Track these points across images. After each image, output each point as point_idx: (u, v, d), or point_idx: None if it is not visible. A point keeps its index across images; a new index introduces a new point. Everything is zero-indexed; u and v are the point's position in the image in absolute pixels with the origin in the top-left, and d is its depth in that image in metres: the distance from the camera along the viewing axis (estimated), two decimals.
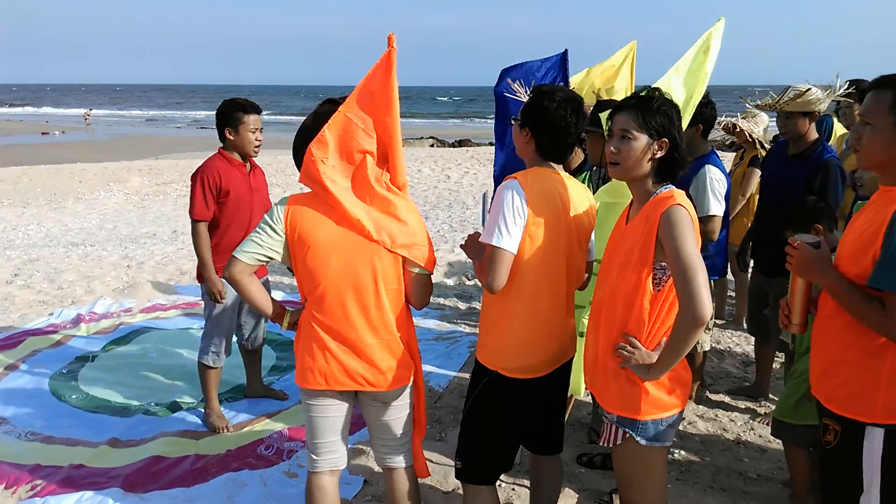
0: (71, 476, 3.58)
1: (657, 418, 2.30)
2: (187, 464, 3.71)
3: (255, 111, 4.00)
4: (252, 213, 4.01)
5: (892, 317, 1.99)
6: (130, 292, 6.78)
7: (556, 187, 2.51)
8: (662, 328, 2.27)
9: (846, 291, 2.08)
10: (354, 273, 2.49)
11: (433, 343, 5.43)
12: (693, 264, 2.10)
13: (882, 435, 2.07)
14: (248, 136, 3.93)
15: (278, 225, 2.49)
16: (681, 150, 2.29)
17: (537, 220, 2.43)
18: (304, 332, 2.59)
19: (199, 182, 3.88)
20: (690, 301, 2.09)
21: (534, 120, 2.52)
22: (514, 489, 3.44)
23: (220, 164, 3.94)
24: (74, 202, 12.92)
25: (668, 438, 2.35)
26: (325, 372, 2.55)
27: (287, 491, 3.47)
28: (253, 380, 4.53)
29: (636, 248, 2.23)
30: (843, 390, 2.15)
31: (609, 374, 2.34)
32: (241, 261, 2.49)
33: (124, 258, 8.36)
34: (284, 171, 16.25)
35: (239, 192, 3.95)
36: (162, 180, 15.54)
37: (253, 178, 4.08)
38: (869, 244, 2.04)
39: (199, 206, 3.88)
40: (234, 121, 3.92)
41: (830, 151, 3.97)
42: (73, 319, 6.03)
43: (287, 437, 4.00)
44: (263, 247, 2.50)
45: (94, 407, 4.39)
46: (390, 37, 2.51)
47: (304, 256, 2.48)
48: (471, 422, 2.66)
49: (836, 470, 2.22)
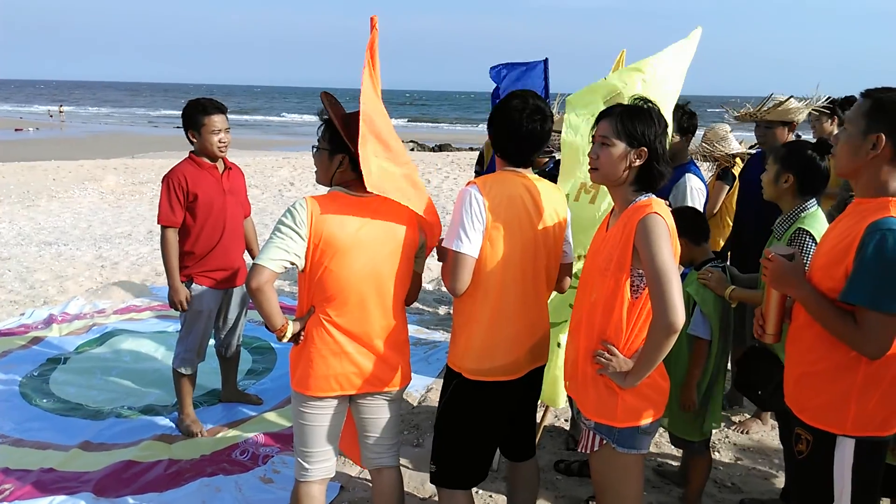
0: (41, 480, 3.51)
1: (633, 426, 2.31)
2: (161, 468, 3.66)
3: (218, 111, 3.85)
4: (226, 217, 3.94)
5: (863, 332, 2.02)
6: (104, 293, 6.67)
7: (518, 191, 2.51)
8: (640, 335, 2.29)
9: (818, 305, 2.11)
10: (377, 272, 2.52)
11: (411, 348, 5.40)
12: (666, 272, 2.12)
13: (853, 445, 2.11)
14: (209, 138, 3.82)
15: (302, 229, 2.45)
16: (662, 161, 2.30)
17: (496, 224, 2.45)
18: (313, 340, 2.54)
19: (166, 187, 3.81)
20: (663, 309, 2.12)
21: (494, 125, 2.57)
22: (492, 496, 3.44)
23: (187, 169, 3.86)
24: (48, 200, 12.70)
25: (645, 446, 2.37)
26: (341, 377, 2.55)
27: (262, 496, 3.44)
28: (228, 385, 4.48)
29: (615, 254, 2.26)
30: (815, 401, 2.18)
31: (588, 381, 2.36)
32: (269, 269, 2.41)
33: (98, 258, 8.24)
34: (263, 172, 16.15)
35: (209, 196, 3.86)
36: (138, 179, 15.34)
37: (227, 179, 3.98)
38: (841, 258, 2.07)
39: (164, 212, 3.80)
40: (195, 123, 3.82)
41: None
42: (44, 320, 5.93)
43: (262, 442, 3.96)
44: (289, 252, 2.44)
45: (66, 410, 4.31)
46: (373, 18, 2.52)
47: (329, 260, 2.46)
48: (441, 425, 2.67)
49: (808, 480, 2.25)
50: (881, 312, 1.98)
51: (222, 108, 3.92)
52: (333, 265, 2.47)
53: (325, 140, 2.59)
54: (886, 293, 1.97)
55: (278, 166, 17.45)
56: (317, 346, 2.53)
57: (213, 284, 3.95)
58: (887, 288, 1.97)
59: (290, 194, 13.34)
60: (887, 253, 1.95)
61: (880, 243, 1.97)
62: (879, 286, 1.97)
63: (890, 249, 1.95)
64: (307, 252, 2.47)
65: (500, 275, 2.49)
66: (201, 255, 3.90)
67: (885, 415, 2.11)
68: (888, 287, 1.97)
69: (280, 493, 3.43)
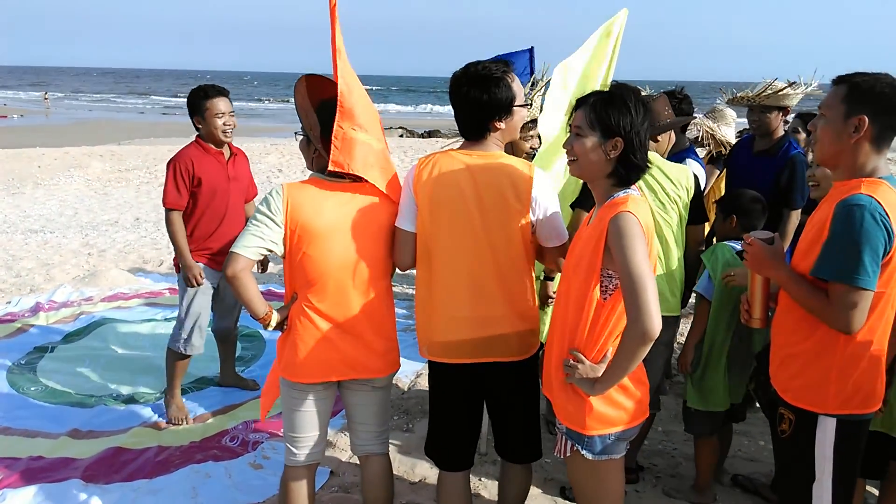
0: (30, 468, 3.51)
1: (603, 433, 2.21)
2: (150, 455, 3.65)
3: (220, 94, 3.89)
4: (229, 203, 3.94)
5: (833, 306, 2.07)
6: (91, 280, 6.63)
7: (453, 168, 2.43)
8: (610, 338, 2.19)
9: (796, 284, 2.16)
10: (355, 258, 2.51)
11: (401, 334, 5.32)
12: (641, 276, 2.00)
13: (834, 425, 2.16)
14: (214, 122, 3.84)
15: (278, 216, 2.45)
16: (639, 153, 2.17)
17: (425, 202, 2.44)
18: (296, 327, 2.54)
19: (172, 170, 3.82)
20: (638, 315, 2.00)
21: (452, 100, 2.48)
22: (481, 480, 3.46)
23: (193, 153, 3.87)
24: (33, 188, 12.59)
25: (619, 451, 2.26)
26: (324, 363, 2.54)
27: (252, 482, 3.44)
28: (226, 369, 4.49)
29: (587, 253, 2.17)
30: (796, 381, 2.23)
31: (560, 384, 2.27)
32: (244, 256, 2.42)
33: (85, 245, 8.19)
34: (251, 159, 15.97)
35: (214, 181, 3.88)
36: (125, 166, 15.22)
37: (232, 166, 3.99)
38: (817, 238, 2.13)
39: (171, 195, 3.82)
40: (199, 108, 3.85)
41: (797, 147, 4.05)
42: (31, 308, 5.89)
43: (252, 428, 3.96)
44: (265, 239, 2.45)
45: (54, 398, 4.30)
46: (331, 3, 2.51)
47: (307, 246, 2.46)
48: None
49: (790, 459, 2.30)
50: (848, 285, 2.03)
51: (224, 91, 3.94)
52: (311, 251, 2.46)
53: (302, 127, 2.61)
54: (853, 266, 2.01)
55: (266, 153, 17.34)
56: (300, 332, 2.53)
57: (212, 264, 3.96)
58: (854, 261, 2.01)
59: (278, 181, 13.27)
60: (854, 226, 2.00)
61: (847, 218, 2.02)
62: (846, 260, 2.02)
63: (856, 223, 2.00)
64: (285, 238, 2.47)
65: (432, 253, 2.47)
66: (200, 238, 3.91)
67: (865, 393, 2.16)
68: (854, 260, 2.01)
69: (270, 478, 3.44)
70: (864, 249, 1.99)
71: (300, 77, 2.63)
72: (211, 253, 3.94)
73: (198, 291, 3.93)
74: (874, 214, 1.99)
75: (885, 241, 2.00)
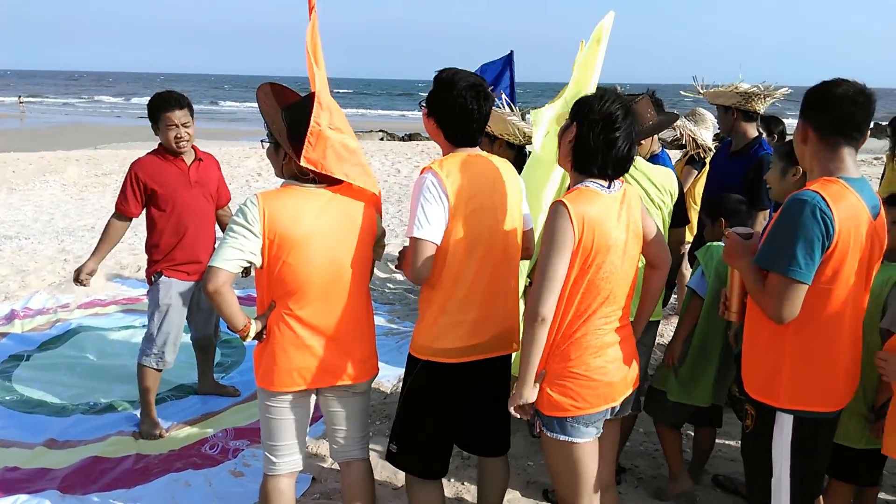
0: (5, 479, 3.45)
1: (558, 416, 2.30)
2: (128, 464, 3.61)
3: (176, 106, 3.76)
4: (193, 210, 3.87)
5: (768, 294, 2.14)
6: (67, 287, 6.52)
7: (475, 170, 2.49)
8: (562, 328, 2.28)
9: (750, 274, 2.22)
10: (336, 263, 2.49)
11: (383, 339, 5.39)
12: (542, 265, 2.20)
13: (791, 421, 2.20)
14: (167, 134, 3.76)
15: (255, 226, 2.41)
16: (589, 143, 2.21)
17: (458, 206, 2.43)
18: (275, 335, 2.51)
19: (127, 176, 3.83)
20: (533, 298, 2.20)
21: (437, 108, 2.51)
22: (464, 484, 3.45)
23: (149, 161, 3.85)
24: (7, 193, 12.38)
25: (581, 436, 2.32)
26: (304, 371, 2.51)
27: (233, 490, 3.41)
28: (204, 377, 4.43)
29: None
30: (754, 374, 2.29)
31: None
32: (225, 270, 2.37)
33: (61, 252, 8.06)
34: (230, 163, 15.90)
35: (172, 189, 3.81)
36: (101, 171, 15.02)
37: (195, 171, 3.92)
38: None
39: (120, 200, 3.84)
40: (154, 117, 3.79)
41: (767, 148, 4.11)
42: (6, 316, 5.79)
43: (232, 435, 3.93)
44: (244, 251, 2.40)
45: (30, 407, 4.23)
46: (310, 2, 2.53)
47: (286, 255, 2.42)
48: (402, 408, 2.67)
49: (752, 453, 2.36)
50: (781, 275, 2.08)
51: (182, 102, 3.82)
52: (291, 259, 2.43)
53: (269, 134, 2.58)
54: (786, 257, 2.07)
55: (245, 156, 17.20)
56: (279, 340, 2.50)
57: (184, 277, 3.89)
58: (787, 253, 2.07)
59: (257, 185, 13.18)
60: (792, 220, 2.07)
61: (788, 211, 2.09)
62: (780, 250, 2.09)
63: (795, 216, 2.06)
64: (263, 249, 2.43)
65: (464, 259, 2.46)
66: (167, 248, 3.84)
67: (820, 390, 2.19)
68: (788, 252, 2.07)
69: (251, 486, 3.41)
70: (798, 242, 2.05)
71: (262, 84, 2.62)
72: (177, 264, 3.86)
73: (171, 307, 3.85)
74: (815, 210, 2.04)
75: (821, 235, 2.05)
